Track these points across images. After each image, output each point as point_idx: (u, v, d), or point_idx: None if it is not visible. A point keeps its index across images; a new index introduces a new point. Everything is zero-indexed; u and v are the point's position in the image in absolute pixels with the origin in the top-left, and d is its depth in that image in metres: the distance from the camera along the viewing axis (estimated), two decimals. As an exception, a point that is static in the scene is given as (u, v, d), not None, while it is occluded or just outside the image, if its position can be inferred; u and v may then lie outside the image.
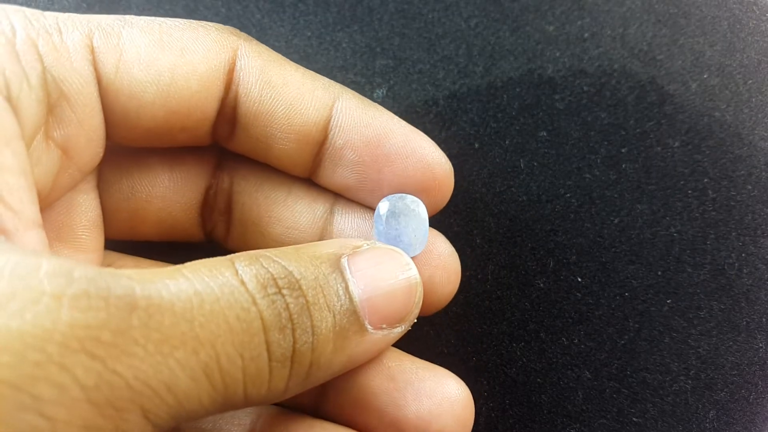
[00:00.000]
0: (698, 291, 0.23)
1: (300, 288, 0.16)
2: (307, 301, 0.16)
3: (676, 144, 0.24)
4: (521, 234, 0.24)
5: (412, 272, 0.18)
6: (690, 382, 0.23)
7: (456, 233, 0.24)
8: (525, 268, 0.24)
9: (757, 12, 0.26)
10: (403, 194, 0.20)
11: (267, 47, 0.20)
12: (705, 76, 0.25)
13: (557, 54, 0.25)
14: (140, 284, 0.13)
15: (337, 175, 0.20)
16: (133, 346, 0.13)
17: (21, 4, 0.26)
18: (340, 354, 0.17)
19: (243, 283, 0.15)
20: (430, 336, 0.23)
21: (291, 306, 0.15)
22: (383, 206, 0.19)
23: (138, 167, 0.20)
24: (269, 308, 0.15)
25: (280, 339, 0.15)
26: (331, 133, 0.20)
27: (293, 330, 0.15)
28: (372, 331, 0.17)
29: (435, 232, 0.21)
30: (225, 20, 0.26)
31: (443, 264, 0.20)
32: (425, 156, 0.20)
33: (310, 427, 0.19)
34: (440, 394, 0.19)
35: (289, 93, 0.19)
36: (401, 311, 0.18)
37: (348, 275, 0.17)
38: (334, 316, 0.16)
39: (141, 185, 0.20)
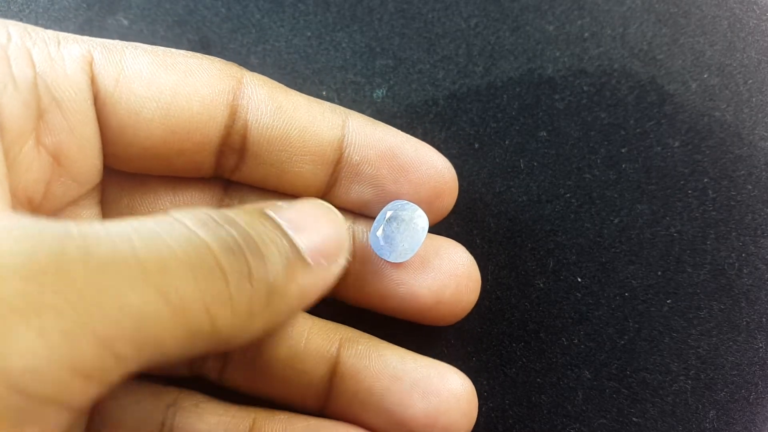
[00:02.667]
0: (698, 291, 0.23)
1: (239, 224, 0.16)
2: (249, 233, 0.16)
3: (676, 144, 0.24)
4: (521, 234, 0.24)
5: (335, 213, 0.18)
6: (690, 382, 0.23)
7: (456, 233, 0.24)
8: (525, 268, 0.24)
9: (757, 12, 0.26)
10: (408, 202, 0.20)
11: (267, 77, 0.20)
12: (705, 76, 0.25)
13: (557, 54, 0.25)
14: (74, 222, 0.13)
15: (353, 192, 0.21)
16: (73, 266, 0.12)
17: (21, 5, 0.26)
18: (293, 283, 0.16)
19: (180, 221, 0.15)
20: (430, 336, 0.23)
21: (236, 234, 0.15)
22: (388, 207, 0.20)
23: (140, 187, 0.20)
24: (213, 236, 0.15)
25: (233, 260, 0.15)
26: (347, 150, 0.20)
27: (244, 253, 0.15)
28: (313, 263, 0.17)
29: (454, 242, 0.21)
30: (225, 20, 0.26)
31: (466, 273, 0.21)
32: (436, 163, 0.20)
33: (317, 427, 0.20)
34: (446, 392, 0.19)
35: (301, 116, 0.20)
36: (334, 247, 0.18)
37: (279, 220, 0.17)
38: (278, 249, 0.16)
39: (141, 205, 0.20)
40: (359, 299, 0.21)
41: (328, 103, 0.21)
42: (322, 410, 0.20)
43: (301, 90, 0.21)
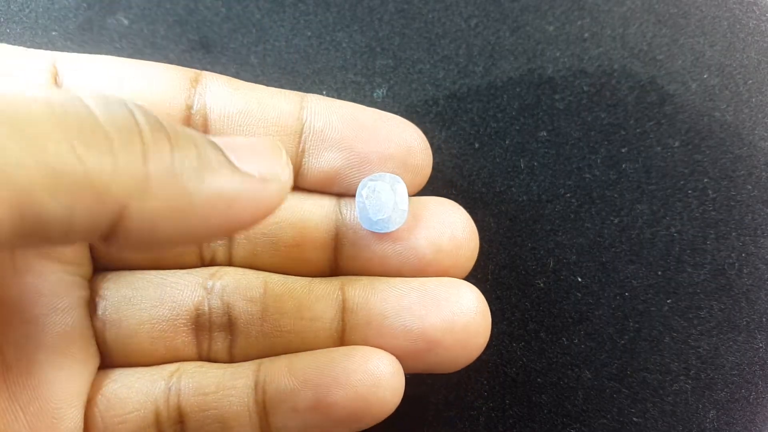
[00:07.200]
0: (698, 291, 0.23)
1: (150, 112, 0.14)
2: (157, 119, 0.14)
3: (676, 144, 0.24)
4: (521, 234, 0.24)
5: (273, 140, 0.17)
6: (690, 382, 0.23)
7: (456, 233, 0.24)
8: (525, 267, 0.24)
9: (757, 12, 0.26)
10: (383, 173, 0.20)
11: None
12: (705, 76, 0.25)
13: (557, 54, 0.25)
14: None
15: (323, 160, 0.20)
16: None
17: (21, 4, 0.26)
18: (211, 174, 0.14)
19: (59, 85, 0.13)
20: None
21: (137, 114, 0.13)
22: (362, 184, 0.20)
23: None
24: (102, 104, 0.13)
25: (118, 121, 0.13)
26: (308, 119, 0.20)
27: (137, 124, 0.13)
28: (241, 168, 0.15)
29: (440, 198, 0.21)
30: (225, 20, 0.26)
31: (460, 220, 0.20)
32: (398, 121, 0.21)
33: (318, 354, 0.19)
34: (456, 296, 0.19)
35: (258, 94, 0.20)
36: (269, 159, 0.16)
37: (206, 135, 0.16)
38: (195, 142, 0.14)
39: None
40: (359, 266, 0.21)
41: (287, 90, 0.21)
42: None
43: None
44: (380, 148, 0.20)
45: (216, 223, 0.15)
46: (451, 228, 0.20)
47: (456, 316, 0.19)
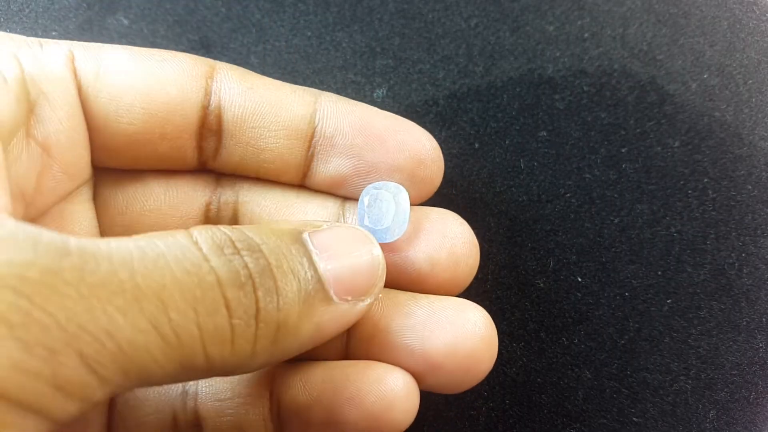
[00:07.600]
0: (698, 291, 0.23)
1: (261, 251, 0.15)
2: (269, 263, 0.15)
3: (676, 144, 0.24)
4: (521, 234, 0.24)
5: (374, 247, 0.18)
6: (690, 382, 0.23)
7: (456, 233, 0.24)
8: (525, 268, 0.24)
9: (757, 12, 0.26)
10: (387, 182, 0.20)
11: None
12: (705, 76, 0.25)
13: (557, 54, 0.25)
14: (75, 238, 0.13)
15: (331, 166, 0.20)
16: (65, 286, 0.12)
17: (21, 4, 0.26)
18: (308, 320, 0.16)
19: (196, 243, 0.14)
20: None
21: (251, 266, 0.15)
22: (365, 192, 0.20)
23: (133, 182, 0.21)
24: (225, 266, 0.14)
25: (241, 296, 0.14)
26: (319, 123, 0.20)
27: (255, 289, 0.15)
28: (337, 301, 0.17)
29: (444, 210, 0.21)
30: (225, 20, 0.26)
31: (459, 234, 0.20)
32: (412, 130, 0.20)
33: (333, 366, 0.20)
34: (462, 320, 0.19)
35: (272, 94, 0.20)
36: (365, 284, 0.17)
37: (311, 247, 0.17)
38: (299, 282, 0.16)
39: (135, 199, 0.20)
40: None
41: (301, 86, 0.21)
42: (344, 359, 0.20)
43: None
44: (389, 158, 0.20)
45: (303, 347, 0.16)
46: (451, 242, 0.20)
47: (460, 340, 0.19)
